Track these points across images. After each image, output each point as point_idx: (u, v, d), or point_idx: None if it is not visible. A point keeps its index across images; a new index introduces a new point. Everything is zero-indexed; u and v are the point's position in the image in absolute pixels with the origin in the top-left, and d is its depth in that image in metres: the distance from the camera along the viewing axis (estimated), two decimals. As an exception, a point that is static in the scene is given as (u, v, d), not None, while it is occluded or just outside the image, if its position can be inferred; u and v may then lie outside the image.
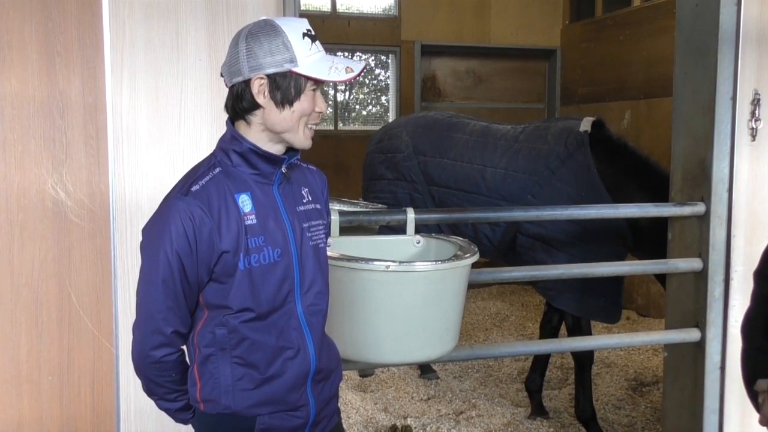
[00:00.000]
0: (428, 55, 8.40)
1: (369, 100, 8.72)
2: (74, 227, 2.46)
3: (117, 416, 2.55)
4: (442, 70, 8.57)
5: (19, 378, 2.46)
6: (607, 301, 4.00)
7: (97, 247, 2.49)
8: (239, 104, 1.78)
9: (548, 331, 4.40)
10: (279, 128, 1.79)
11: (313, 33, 1.79)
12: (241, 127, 1.82)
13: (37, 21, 2.39)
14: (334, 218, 2.69)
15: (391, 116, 8.47)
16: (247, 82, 1.76)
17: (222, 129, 1.86)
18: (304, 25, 1.79)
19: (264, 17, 1.81)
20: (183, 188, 1.75)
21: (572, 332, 4.17)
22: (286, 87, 1.75)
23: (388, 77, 8.57)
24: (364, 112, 8.73)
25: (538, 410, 4.46)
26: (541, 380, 4.49)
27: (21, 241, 2.42)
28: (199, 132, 2.54)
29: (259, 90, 1.75)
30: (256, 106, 1.77)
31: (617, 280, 4.00)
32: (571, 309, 4.05)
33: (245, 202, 1.78)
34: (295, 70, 1.74)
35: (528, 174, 4.15)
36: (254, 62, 1.74)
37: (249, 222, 1.76)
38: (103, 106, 2.45)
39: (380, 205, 4.53)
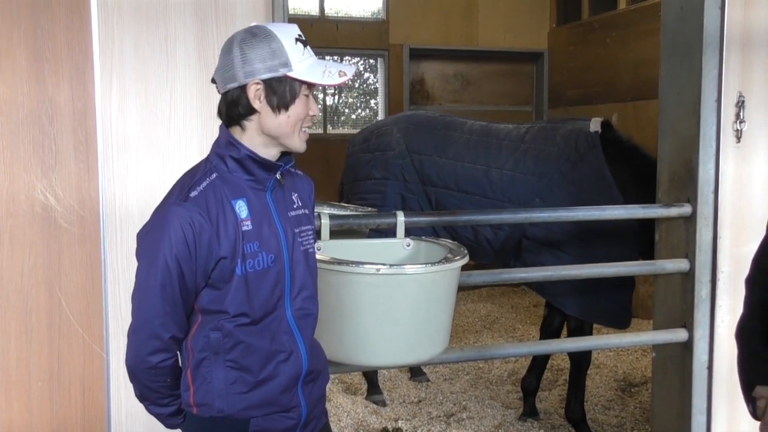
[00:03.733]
0: (416, 58, 8.42)
1: (358, 104, 8.73)
2: (64, 233, 2.46)
3: (108, 421, 2.55)
4: (431, 74, 8.59)
5: (9, 383, 2.46)
6: (618, 306, 3.93)
7: (87, 252, 2.49)
8: (234, 110, 1.79)
9: (548, 334, 4.31)
10: (275, 133, 1.80)
11: (304, 38, 1.80)
12: (236, 133, 1.82)
13: (26, 27, 2.39)
14: (324, 222, 2.70)
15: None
16: (242, 88, 1.76)
17: (212, 134, 1.87)
18: (296, 30, 1.80)
19: (255, 23, 1.82)
20: (181, 194, 1.75)
21: (574, 335, 4.11)
22: (282, 92, 1.76)
23: (377, 81, 8.58)
24: (353, 116, 8.74)
25: (530, 411, 4.45)
26: (537, 382, 4.47)
27: (10, 247, 2.42)
28: (189, 137, 2.54)
29: (256, 95, 1.76)
30: (252, 111, 1.78)
31: (628, 285, 3.93)
32: (576, 312, 3.99)
33: (242, 208, 1.78)
34: (290, 74, 1.75)
35: (537, 176, 4.04)
36: (249, 67, 1.74)
37: (245, 228, 1.77)
38: (92, 111, 2.46)
39: (370, 208, 4.48)
